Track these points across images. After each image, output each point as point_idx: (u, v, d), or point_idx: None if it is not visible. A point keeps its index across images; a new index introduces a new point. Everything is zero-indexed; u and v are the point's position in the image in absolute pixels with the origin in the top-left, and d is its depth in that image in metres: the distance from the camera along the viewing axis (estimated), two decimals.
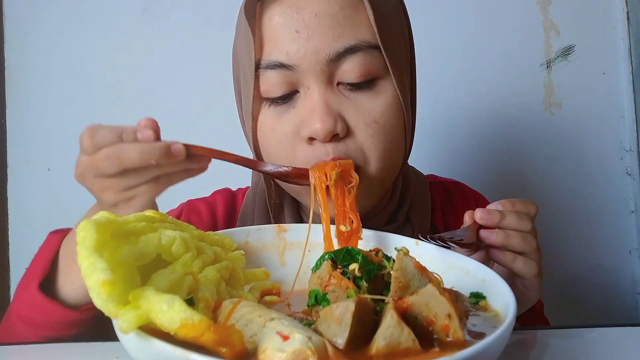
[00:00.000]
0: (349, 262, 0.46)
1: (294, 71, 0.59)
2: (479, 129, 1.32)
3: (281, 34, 0.59)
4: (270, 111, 0.63)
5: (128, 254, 0.39)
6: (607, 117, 1.32)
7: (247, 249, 0.58)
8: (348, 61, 0.59)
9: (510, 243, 0.55)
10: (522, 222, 0.56)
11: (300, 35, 0.58)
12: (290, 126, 0.61)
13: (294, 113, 0.61)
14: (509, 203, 0.58)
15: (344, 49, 0.58)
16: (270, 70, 0.60)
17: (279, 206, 0.73)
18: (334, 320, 0.37)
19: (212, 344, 0.35)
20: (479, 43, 1.31)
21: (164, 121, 1.39)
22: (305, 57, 0.58)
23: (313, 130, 0.59)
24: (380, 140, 0.61)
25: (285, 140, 0.62)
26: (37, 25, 1.29)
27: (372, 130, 0.61)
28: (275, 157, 0.63)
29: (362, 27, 0.60)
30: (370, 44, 0.60)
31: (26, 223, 1.29)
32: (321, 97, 0.59)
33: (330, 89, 0.60)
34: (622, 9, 1.32)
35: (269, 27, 0.60)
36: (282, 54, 0.59)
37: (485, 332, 0.41)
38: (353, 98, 0.61)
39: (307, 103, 0.60)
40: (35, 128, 1.29)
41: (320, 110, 0.58)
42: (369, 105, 0.61)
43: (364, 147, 0.61)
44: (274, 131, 0.63)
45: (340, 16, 0.59)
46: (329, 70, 0.59)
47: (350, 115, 0.60)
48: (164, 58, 1.30)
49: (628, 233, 1.32)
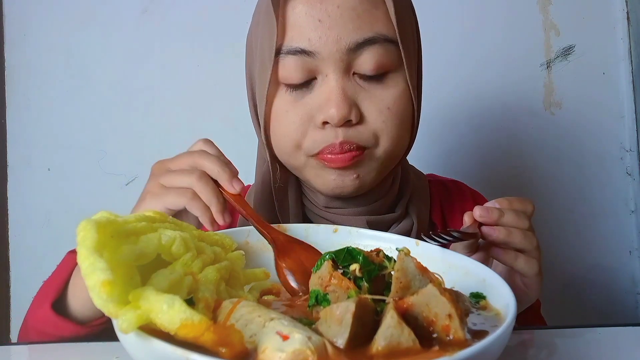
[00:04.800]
0: (350, 263, 0.45)
1: (314, 58, 0.62)
2: (478, 129, 1.32)
3: (304, 22, 0.62)
4: (286, 96, 0.65)
5: (128, 254, 0.39)
6: (607, 117, 1.32)
7: (247, 249, 0.58)
8: (366, 52, 0.62)
9: (512, 240, 0.55)
10: (521, 220, 0.56)
11: (322, 24, 0.61)
12: (305, 111, 0.64)
13: (310, 98, 0.64)
14: (506, 201, 0.58)
15: (363, 39, 0.61)
16: (290, 56, 0.62)
17: (283, 190, 0.74)
18: (334, 320, 0.37)
19: (212, 344, 0.35)
20: (479, 43, 1.31)
21: (164, 121, 1.40)
22: (326, 44, 0.61)
23: (328, 115, 0.62)
24: (393, 126, 0.65)
25: (297, 123, 0.64)
26: (37, 25, 1.29)
27: (385, 117, 0.64)
28: (283, 139, 0.66)
29: (380, 21, 0.63)
30: (386, 38, 0.63)
31: (26, 223, 1.29)
32: (338, 85, 0.62)
33: (347, 78, 0.63)
34: (622, 9, 1.32)
35: (292, 15, 0.63)
36: (304, 41, 0.62)
37: (486, 332, 0.41)
38: (368, 88, 0.64)
39: (324, 89, 0.63)
40: (35, 128, 1.29)
41: (337, 96, 0.61)
42: (383, 94, 0.64)
43: (377, 131, 0.64)
44: (287, 114, 0.65)
45: (360, 9, 0.62)
46: (347, 59, 0.62)
47: (364, 103, 0.64)
48: (164, 58, 1.30)
49: (628, 233, 1.32)
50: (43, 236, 1.28)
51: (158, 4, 1.30)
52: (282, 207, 0.74)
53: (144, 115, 1.29)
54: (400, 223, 0.75)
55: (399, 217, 0.75)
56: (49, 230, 1.28)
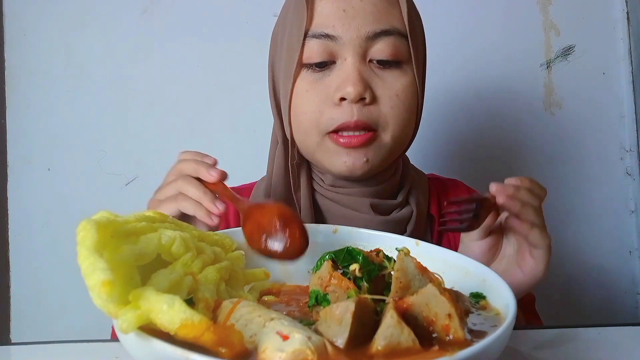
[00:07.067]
0: (350, 263, 0.45)
1: (336, 42, 0.70)
2: (478, 129, 1.32)
3: (330, 11, 0.71)
4: (307, 75, 0.73)
5: (128, 254, 0.39)
6: (607, 117, 1.32)
7: (247, 249, 0.58)
8: (381, 41, 0.71)
9: (526, 212, 0.60)
10: (534, 198, 0.61)
11: (346, 13, 0.70)
12: (324, 89, 0.72)
13: (329, 79, 0.72)
14: (520, 180, 0.63)
15: (380, 30, 0.70)
16: (315, 39, 0.71)
17: (298, 169, 0.79)
18: (334, 320, 0.37)
19: (212, 344, 0.35)
20: (479, 43, 1.31)
21: (164, 121, 1.40)
22: (348, 31, 0.70)
23: (346, 92, 0.69)
24: (400, 112, 0.72)
25: (316, 100, 0.72)
26: (37, 25, 1.29)
27: (393, 103, 0.72)
28: (302, 116, 0.73)
29: (395, 18, 0.72)
30: (400, 32, 0.72)
31: (26, 223, 1.28)
32: (355, 68, 0.70)
33: (364, 63, 0.71)
34: (622, 9, 1.32)
35: (320, 4, 0.72)
36: (329, 27, 0.71)
37: (486, 332, 0.41)
38: (380, 75, 0.72)
39: (343, 71, 0.71)
40: (35, 128, 1.29)
41: (354, 77, 0.69)
42: (393, 81, 0.72)
43: (386, 115, 0.72)
44: (308, 93, 0.73)
45: (380, 6, 0.71)
46: (365, 46, 0.71)
47: (377, 87, 0.71)
48: (164, 58, 1.30)
49: (628, 233, 1.32)
50: (43, 236, 1.28)
51: (158, 4, 1.30)
52: (295, 184, 0.79)
53: (144, 115, 1.29)
54: (402, 210, 0.79)
55: (400, 204, 0.80)
56: (49, 230, 1.28)
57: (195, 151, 0.67)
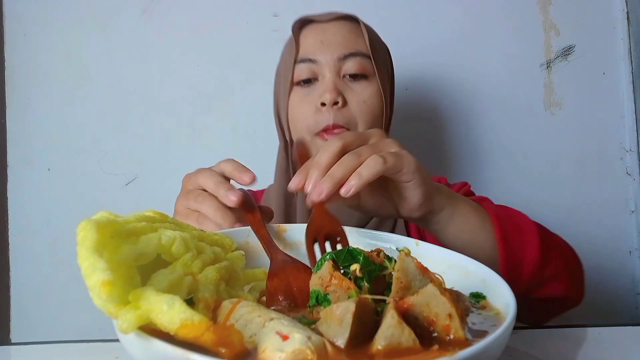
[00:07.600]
0: (350, 263, 0.45)
1: (317, 64, 0.91)
2: (478, 129, 1.32)
3: (311, 42, 0.93)
4: (298, 90, 0.93)
5: (128, 254, 0.39)
6: (607, 117, 1.32)
7: (247, 249, 0.58)
8: (350, 61, 0.91)
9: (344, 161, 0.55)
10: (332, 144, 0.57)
11: (323, 43, 0.92)
12: (311, 100, 0.90)
13: (314, 92, 0.91)
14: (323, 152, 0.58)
15: (349, 52, 0.91)
16: (302, 63, 0.92)
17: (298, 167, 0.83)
18: (335, 320, 0.37)
19: (212, 344, 0.35)
20: (479, 43, 1.31)
21: (164, 121, 1.39)
22: (325, 55, 0.91)
23: (324, 98, 0.88)
24: (366, 114, 0.90)
25: (306, 108, 0.91)
26: (37, 25, 1.29)
27: (361, 107, 0.90)
28: (297, 121, 0.92)
29: (360, 44, 0.92)
30: (364, 53, 0.92)
31: (26, 223, 1.29)
32: (331, 81, 0.89)
33: (338, 78, 0.91)
34: (622, 9, 1.32)
35: (304, 39, 0.94)
36: (311, 54, 0.91)
37: (486, 331, 0.41)
38: (351, 86, 0.91)
39: (323, 84, 0.90)
40: (35, 128, 1.29)
41: (330, 87, 0.88)
42: (361, 91, 0.91)
43: (356, 116, 0.89)
44: (300, 104, 0.92)
45: (348, 36, 0.92)
46: (338, 65, 0.91)
47: (348, 94, 0.90)
48: (164, 58, 1.30)
49: (628, 233, 1.32)
50: (43, 236, 1.28)
51: (158, 4, 1.30)
52: None
53: (143, 116, 1.29)
54: None
55: None
56: (49, 230, 1.28)
57: (237, 163, 0.65)
